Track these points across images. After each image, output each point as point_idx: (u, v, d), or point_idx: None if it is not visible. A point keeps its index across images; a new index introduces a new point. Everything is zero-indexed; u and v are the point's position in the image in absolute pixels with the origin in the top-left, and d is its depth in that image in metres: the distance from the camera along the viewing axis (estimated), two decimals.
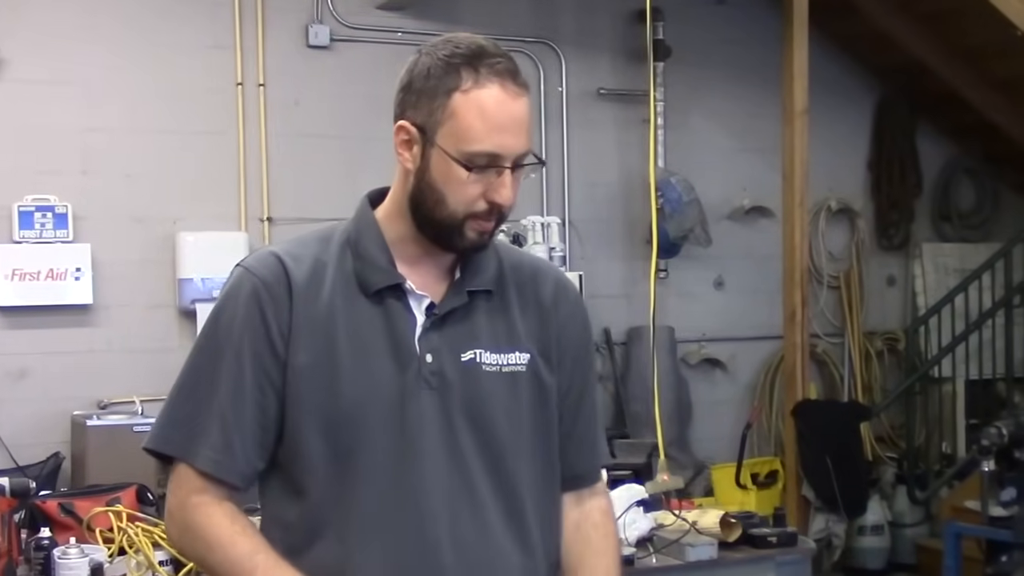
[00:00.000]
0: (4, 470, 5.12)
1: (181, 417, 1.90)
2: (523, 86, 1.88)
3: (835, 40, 7.27)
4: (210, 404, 1.87)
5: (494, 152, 1.84)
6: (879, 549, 6.91)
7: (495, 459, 1.92)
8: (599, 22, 6.91)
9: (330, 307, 1.89)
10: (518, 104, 1.86)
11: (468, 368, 1.91)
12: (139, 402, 5.64)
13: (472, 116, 1.83)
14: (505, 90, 1.85)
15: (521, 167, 1.89)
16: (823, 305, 7.43)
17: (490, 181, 1.86)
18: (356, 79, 6.15)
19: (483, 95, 1.84)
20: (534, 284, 2.04)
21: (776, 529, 3.94)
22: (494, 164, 1.85)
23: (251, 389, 1.86)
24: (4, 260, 5.53)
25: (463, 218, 1.87)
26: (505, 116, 1.84)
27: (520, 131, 1.87)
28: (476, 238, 1.90)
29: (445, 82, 1.85)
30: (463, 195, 1.86)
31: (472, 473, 1.90)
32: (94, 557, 3.31)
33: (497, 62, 1.86)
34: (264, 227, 6.08)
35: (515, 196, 1.89)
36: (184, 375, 1.93)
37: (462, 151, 1.84)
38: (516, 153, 1.86)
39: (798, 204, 6.15)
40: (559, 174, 6.76)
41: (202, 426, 1.87)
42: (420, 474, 1.86)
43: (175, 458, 1.90)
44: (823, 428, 6.23)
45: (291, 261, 1.91)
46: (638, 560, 3.68)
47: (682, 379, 6.99)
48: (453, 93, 1.84)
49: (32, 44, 5.67)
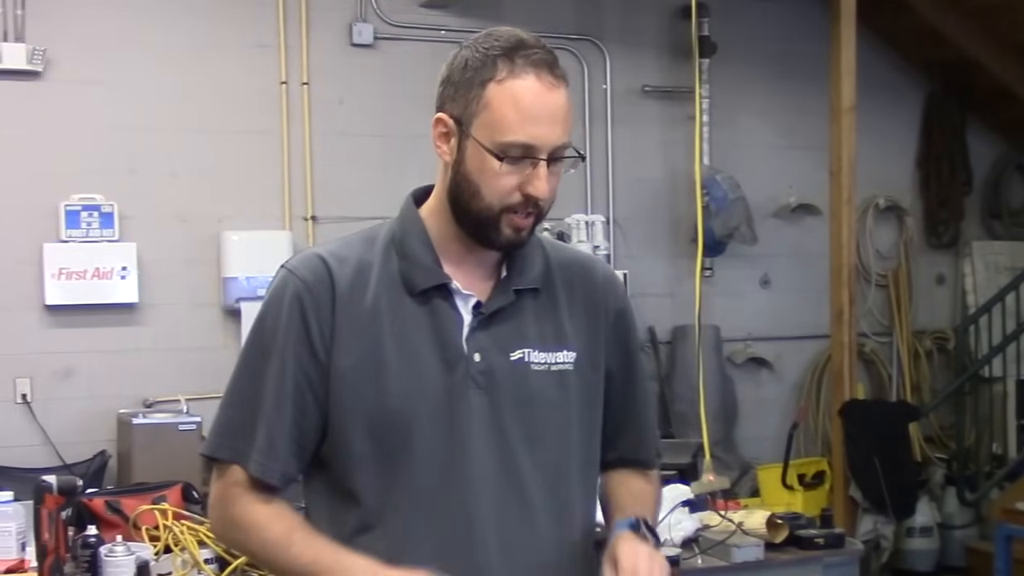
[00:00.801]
0: (51, 468, 5.16)
1: (231, 423, 1.91)
2: (560, 77, 1.85)
3: (883, 35, 7.20)
4: (256, 408, 1.87)
5: (528, 143, 1.82)
6: (928, 551, 6.84)
7: (544, 459, 1.90)
8: (644, 19, 6.88)
9: (375, 308, 1.87)
10: (554, 95, 1.83)
11: (517, 367, 1.90)
12: (184, 400, 5.67)
13: (506, 106, 1.81)
14: (540, 80, 1.82)
15: (559, 160, 1.86)
16: (871, 304, 7.36)
17: (525, 173, 1.83)
18: (400, 77, 6.15)
19: (517, 85, 1.82)
20: (581, 280, 2.02)
21: (823, 530, 3.89)
22: (528, 155, 1.82)
23: (291, 392, 1.86)
24: (51, 259, 5.57)
25: (499, 211, 1.85)
26: (539, 107, 1.82)
27: (555, 122, 1.83)
28: (512, 235, 1.87)
29: (481, 73, 1.83)
30: (498, 187, 1.83)
31: (521, 473, 1.88)
32: (140, 555, 3.31)
33: (533, 53, 1.83)
34: (308, 226, 6.09)
35: (552, 190, 1.86)
36: (233, 380, 1.94)
37: (496, 141, 1.82)
38: (551, 145, 1.83)
39: (846, 201, 6.09)
40: (603, 172, 6.74)
41: (249, 430, 1.87)
42: (468, 474, 1.85)
43: (224, 461, 1.91)
44: (871, 428, 6.16)
45: (335, 262, 1.90)
46: (684, 561, 3.64)
47: (728, 378, 6.95)
48: (488, 84, 1.83)
49: (79, 45, 5.72)
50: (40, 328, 5.63)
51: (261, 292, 5.69)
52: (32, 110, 5.63)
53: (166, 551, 3.48)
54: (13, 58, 5.53)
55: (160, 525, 3.53)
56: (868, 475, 6.14)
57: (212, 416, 1.97)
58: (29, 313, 5.61)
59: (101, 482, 5.35)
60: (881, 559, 6.50)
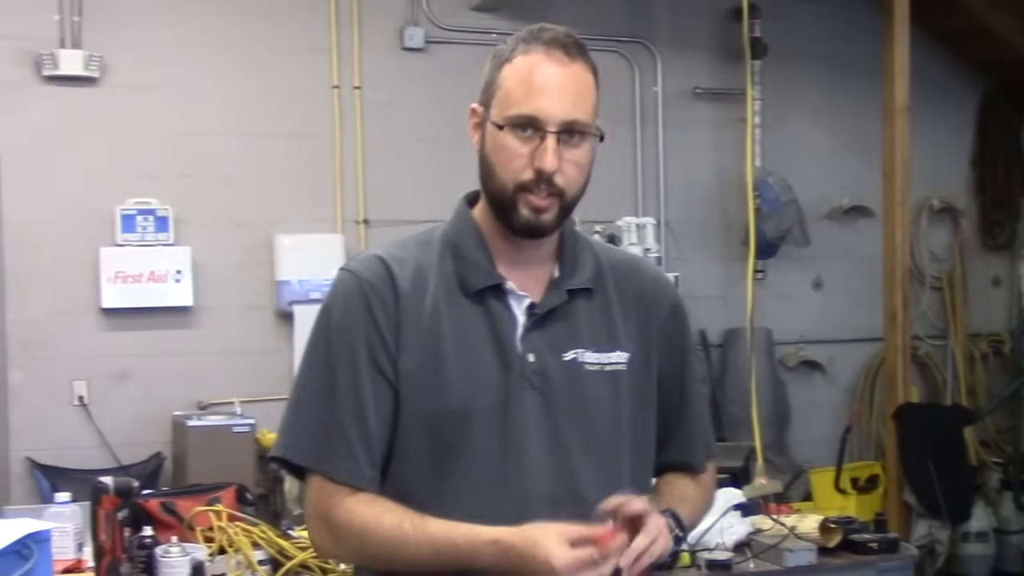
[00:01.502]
0: (108, 469, 5.23)
1: (307, 426, 1.90)
2: (572, 55, 1.85)
3: (936, 35, 7.13)
4: (333, 410, 1.87)
5: (531, 115, 1.83)
6: (984, 556, 6.76)
7: (597, 458, 1.91)
8: (694, 21, 6.85)
9: (434, 309, 1.89)
10: (564, 69, 1.84)
11: (570, 368, 1.90)
12: (238, 403, 5.72)
13: (513, 81, 1.85)
14: (549, 56, 1.84)
15: (574, 137, 1.85)
16: (925, 306, 7.29)
17: (534, 147, 1.84)
18: (451, 80, 6.17)
19: (525, 60, 1.85)
20: (633, 281, 2.02)
21: (877, 535, 3.86)
22: (534, 127, 1.83)
23: (370, 392, 1.86)
24: (107, 263, 5.63)
25: (513, 190, 1.86)
26: (543, 80, 1.83)
27: (561, 96, 1.83)
28: (531, 215, 1.86)
29: (500, 58, 1.88)
30: (509, 163, 1.85)
31: (575, 473, 1.88)
32: (195, 556, 3.34)
33: (548, 33, 1.86)
34: (360, 229, 6.12)
35: (561, 164, 1.83)
36: (303, 383, 1.93)
37: (503, 116, 1.85)
38: (559, 118, 1.83)
39: (899, 203, 6.04)
40: (654, 175, 6.72)
41: (328, 434, 1.86)
42: (522, 474, 1.85)
43: (307, 469, 1.90)
44: (926, 432, 6.11)
45: (395, 264, 1.92)
46: (736, 565, 3.63)
47: (780, 382, 6.90)
48: (503, 65, 1.87)
49: (134, 51, 5.78)
50: (97, 331, 5.70)
51: (314, 295, 5.77)
52: (88, 116, 5.70)
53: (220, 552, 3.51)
54: (70, 64, 5.60)
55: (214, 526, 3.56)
56: (923, 479, 6.08)
57: (281, 419, 1.94)
58: (86, 316, 5.68)
59: (156, 483, 5.40)
60: (936, 564, 6.43)
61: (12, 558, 3.00)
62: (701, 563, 3.61)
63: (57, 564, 3.36)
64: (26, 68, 5.61)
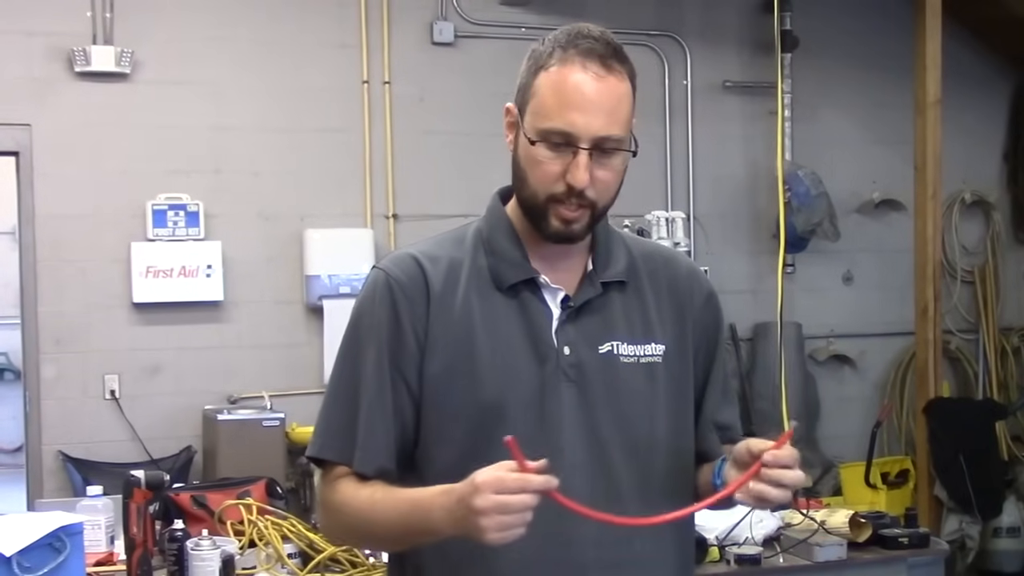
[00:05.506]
0: (139, 463, 5.26)
1: (333, 424, 1.92)
2: (610, 68, 1.83)
3: (968, 27, 7.07)
4: (356, 407, 1.89)
5: (565, 130, 1.81)
6: (1015, 552, 6.72)
7: (634, 451, 1.90)
8: (724, 14, 6.83)
9: (466, 304, 1.89)
10: (600, 84, 1.82)
11: (606, 360, 1.90)
12: (268, 397, 5.75)
13: (548, 93, 1.83)
14: (586, 70, 1.82)
15: (608, 153, 1.83)
16: (956, 300, 7.24)
17: (567, 162, 1.83)
18: (480, 75, 6.17)
19: (561, 72, 1.82)
20: (667, 272, 2.02)
21: (907, 530, 3.85)
22: (568, 143, 1.82)
23: (389, 389, 1.88)
24: (138, 258, 5.67)
25: (544, 201, 1.85)
26: (578, 94, 1.81)
27: (596, 111, 1.81)
28: (561, 226, 1.86)
29: (537, 63, 1.86)
30: (540, 175, 1.84)
31: (613, 467, 1.89)
32: (225, 549, 3.37)
33: (586, 42, 1.83)
34: (389, 224, 6.13)
35: (602, 182, 1.84)
36: (333, 380, 1.95)
37: (536, 128, 1.83)
38: (592, 134, 1.81)
39: (931, 196, 6.00)
40: (684, 168, 6.71)
41: (349, 429, 1.89)
42: (559, 466, 1.82)
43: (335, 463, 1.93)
44: (956, 427, 6.07)
45: (428, 262, 1.92)
46: (765, 560, 3.62)
47: (810, 376, 6.88)
48: (539, 72, 1.85)
49: (165, 46, 5.81)
50: (128, 326, 5.74)
51: (343, 290, 5.80)
52: (120, 111, 5.73)
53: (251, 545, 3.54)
54: (102, 60, 5.64)
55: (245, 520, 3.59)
56: (953, 474, 6.05)
57: (316, 415, 1.97)
58: (118, 311, 5.72)
59: (187, 477, 5.44)
60: (967, 559, 6.40)
61: (45, 551, 3.03)
62: (730, 558, 3.62)
63: (89, 557, 3.40)
64: (58, 64, 5.65)
